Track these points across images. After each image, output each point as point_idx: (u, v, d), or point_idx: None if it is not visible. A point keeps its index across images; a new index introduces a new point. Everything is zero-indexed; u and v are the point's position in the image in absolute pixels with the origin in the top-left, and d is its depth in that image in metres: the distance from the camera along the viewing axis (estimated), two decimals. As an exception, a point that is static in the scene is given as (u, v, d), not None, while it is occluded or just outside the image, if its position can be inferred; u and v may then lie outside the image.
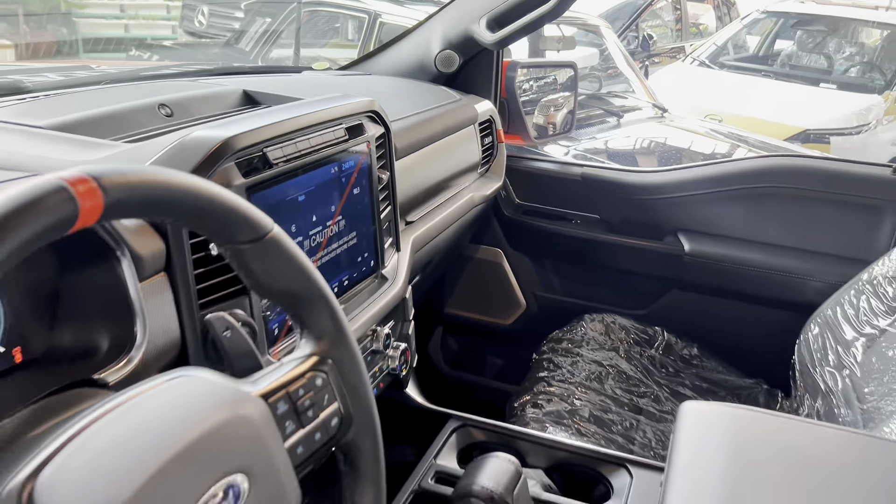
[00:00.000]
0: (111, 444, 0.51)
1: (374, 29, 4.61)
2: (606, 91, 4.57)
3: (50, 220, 0.47)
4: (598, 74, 4.88)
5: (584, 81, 4.58)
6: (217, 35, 7.08)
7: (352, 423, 0.72)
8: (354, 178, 1.15)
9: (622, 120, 4.00)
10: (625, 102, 4.37)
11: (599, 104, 4.19)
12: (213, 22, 7.38)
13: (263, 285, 0.66)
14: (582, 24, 5.05)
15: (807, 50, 7.21)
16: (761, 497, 0.91)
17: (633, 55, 7.72)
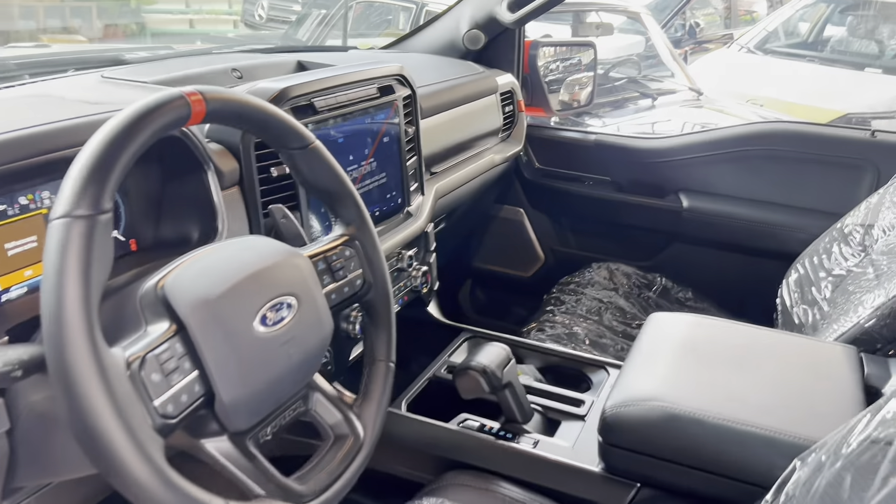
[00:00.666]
0: (211, 263, 0.79)
1: (421, 17, 4.91)
2: (643, 75, 4.75)
3: (174, 115, 0.75)
4: (637, 60, 5.05)
5: (625, 66, 4.78)
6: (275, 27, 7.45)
7: (371, 287, 1.00)
8: (384, 129, 1.42)
9: (656, 102, 4.18)
10: (661, 86, 4.55)
11: (636, 87, 4.38)
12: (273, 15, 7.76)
13: (308, 182, 0.95)
14: (623, 12, 5.23)
15: (858, 35, 7.19)
16: (688, 375, 1.16)
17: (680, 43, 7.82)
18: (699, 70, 6.28)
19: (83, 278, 0.64)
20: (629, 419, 1.09)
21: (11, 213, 0.88)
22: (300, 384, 0.87)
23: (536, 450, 1.21)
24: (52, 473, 0.87)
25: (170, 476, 0.67)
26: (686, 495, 1.10)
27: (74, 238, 0.65)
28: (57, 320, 0.63)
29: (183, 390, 0.71)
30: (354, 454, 0.90)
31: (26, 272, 0.91)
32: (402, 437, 1.27)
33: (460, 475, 1.17)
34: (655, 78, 4.68)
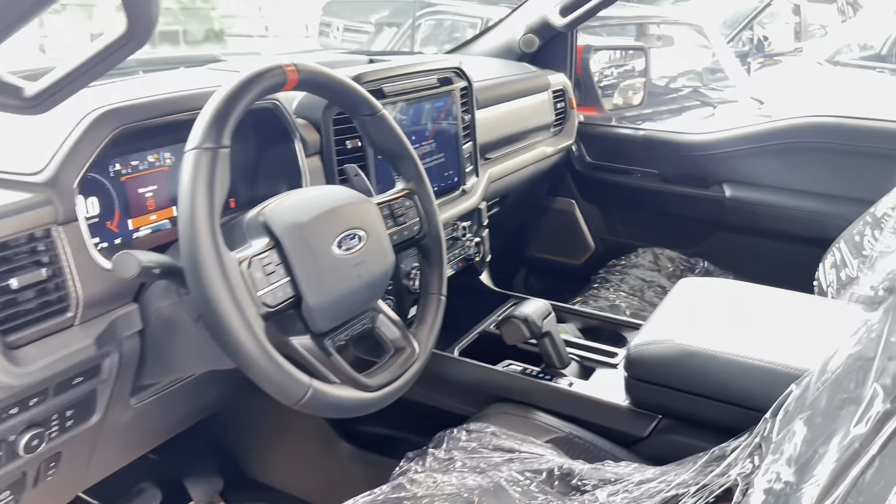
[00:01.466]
0: (301, 199, 1.01)
1: (487, 33, 5.14)
2: (705, 85, 4.84)
3: (274, 80, 0.97)
4: (700, 72, 5.14)
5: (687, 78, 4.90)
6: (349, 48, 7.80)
7: (427, 234, 1.19)
8: (443, 115, 1.63)
9: (716, 110, 4.29)
10: (722, 95, 4.64)
11: (697, 96, 4.49)
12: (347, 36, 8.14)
13: (376, 143, 1.16)
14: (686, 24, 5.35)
15: (935, 46, 7.05)
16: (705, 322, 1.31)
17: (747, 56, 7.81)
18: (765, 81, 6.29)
19: (209, 193, 0.86)
20: (651, 355, 1.25)
21: (142, 168, 1.12)
22: (368, 303, 1.07)
23: (571, 388, 1.38)
24: (172, 371, 1.10)
25: (267, 347, 0.88)
26: (700, 423, 1.25)
27: (203, 163, 0.87)
28: (190, 224, 0.85)
29: (279, 288, 0.92)
30: (412, 363, 1.09)
31: (151, 217, 1.14)
32: (453, 377, 1.46)
33: (504, 406, 1.35)
34: (718, 88, 4.77)
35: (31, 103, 0.80)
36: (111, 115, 0.97)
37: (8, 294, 0.87)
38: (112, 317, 0.99)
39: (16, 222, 0.87)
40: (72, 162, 0.93)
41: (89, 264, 0.95)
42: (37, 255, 0.90)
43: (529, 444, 1.24)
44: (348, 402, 0.97)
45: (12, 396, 0.90)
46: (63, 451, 1.04)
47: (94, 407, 1.04)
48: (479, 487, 1.15)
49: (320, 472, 1.62)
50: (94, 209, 1.05)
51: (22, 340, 0.88)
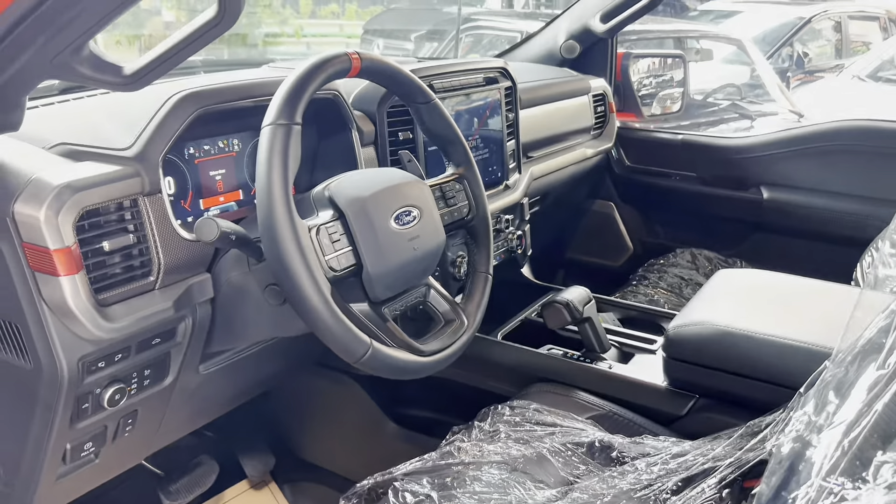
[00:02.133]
0: (363, 177, 1.09)
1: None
2: (744, 98, 4.87)
3: (340, 66, 1.06)
4: (739, 87, 5.16)
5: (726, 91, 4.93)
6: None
7: (475, 216, 1.27)
8: (488, 113, 1.71)
9: (755, 123, 4.31)
10: (761, 108, 4.66)
11: (736, 109, 4.52)
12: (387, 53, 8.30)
13: (429, 130, 1.24)
14: (725, 39, 5.38)
15: (982, 62, 6.95)
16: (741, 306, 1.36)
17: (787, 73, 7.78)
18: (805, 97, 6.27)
19: (283, 164, 0.95)
20: (688, 335, 1.30)
21: (213, 151, 1.21)
22: (422, 276, 1.15)
23: (611, 370, 1.43)
24: (238, 338, 1.18)
25: (333, 306, 0.96)
26: (737, 401, 1.29)
27: (278, 138, 0.95)
28: (267, 193, 0.94)
29: (342, 255, 1.01)
30: (461, 333, 1.16)
31: (221, 198, 1.24)
32: (497, 359, 1.53)
33: (545, 385, 1.41)
34: (756, 101, 4.79)
35: (129, 80, 0.89)
36: (193, 98, 1.07)
37: (100, 255, 0.96)
38: (188, 283, 1.08)
39: (107, 191, 0.96)
40: (157, 139, 1.03)
41: (171, 233, 1.04)
42: (124, 222, 1.00)
43: (571, 420, 1.30)
44: (404, 364, 1.04)
45: (101, 350, 0.99)
46: (139, 409, 1.13)
47: (168, 369, 1.13)
48: (524, 456, 1.21)
49: (368, 453, 1.69)
50: (171, 188, 1.15)
51: (111, 299, 0.97)
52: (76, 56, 0.85)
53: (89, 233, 0.95)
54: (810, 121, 4.44)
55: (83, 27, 0.82)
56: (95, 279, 0.95)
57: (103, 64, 0.88)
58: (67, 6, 0.78)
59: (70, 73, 0.86)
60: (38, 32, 0.80)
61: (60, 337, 0.95)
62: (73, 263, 0.91)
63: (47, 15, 0.78)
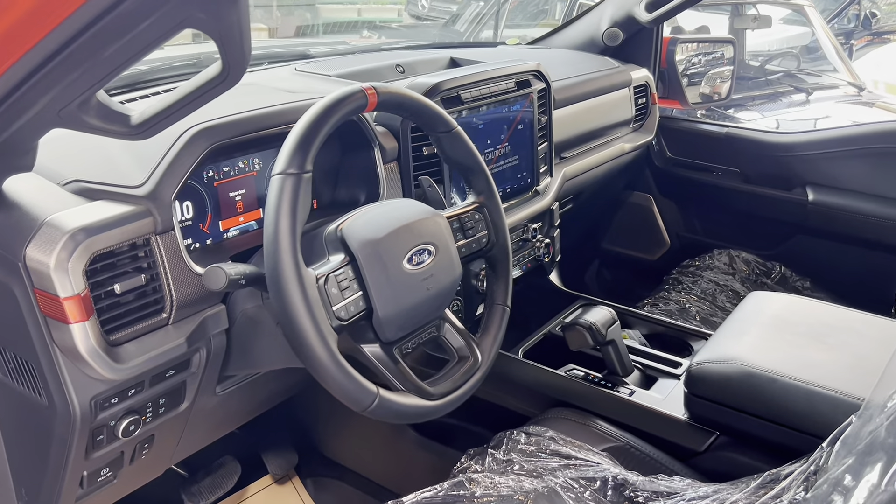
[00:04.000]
0: (376, 215, 1.07)
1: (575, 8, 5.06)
2: (802, 69, 4.64)
3: (356, 104, 1.03)
4: (797, 53, 4.93)
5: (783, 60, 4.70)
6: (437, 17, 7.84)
7: (494, 245, 1.24)
8: (519, 118, 1.65)
9: (811, 97, 4.12)
10: (819, 80, 4.44)
11: (791, 81, 4.32)
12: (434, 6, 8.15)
13: (450, 158, 1.20)
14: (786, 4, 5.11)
15: None
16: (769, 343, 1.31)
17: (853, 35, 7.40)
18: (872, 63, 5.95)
19: (291, 216, 0.93)
20: (711, 374, 1.27)
21: (233, 173, 1.20)
22: (435, 313, 1.13)
23: (631, 397, 1.41)
24: (253, 365, 1.19)
25: (339, 359, 0.95)
26: (757, 443, 1.26)
27: (287, 188, 0.94)
28: (274, 244, 0.92)
29: (352, 303, 0.99)
30: (474, 371, 1.14)
31: (240, 218, 1.23)
32: (516, 378, 1.51)
33: (563, 411, 1.39)
34: (814, 72, 4.56)
35: (136, 130, 0.88)
36: (206, 134, 1.05)
37: (112, 298, 0.97)
38: (202, 317, 1.08)
39: (119, 233, 0.96)
40: (170, 176, 1.02)
41: (183, 270, 1.04)
42: (138, 261, 1.00)
43: (586, 452, 1.29)
44: (412, 410, 1.04)
45: (113, 388, 1.00)
46: (156, 434, 1.15)
47: (184, 396, 1.14)
48: (535, 491, 1.21)
49: (388, 456, 1.71)
50: (189, 213, 1.15)
51: (122, 339, 0.98)
52: (84, 107, 0.85)
53: (101, 275, 0.96)
54: (874, 101, 4.23)
55: (89, 82, 0.81)
56: (106, 321, 0.96)
57: (111, 113, 0.87)
58: (73, 66, 0.77)
59: (78, 124, 0.86)
60: (44, 90, 0.79)
61: (73, 378, 0.96)
62: (83, 310, 0.92)
63: (53, 74, 0.77)
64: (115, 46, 0.76)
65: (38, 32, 0.75)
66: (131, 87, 1.38)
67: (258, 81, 1.51)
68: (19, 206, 0.96)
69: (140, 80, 1.41)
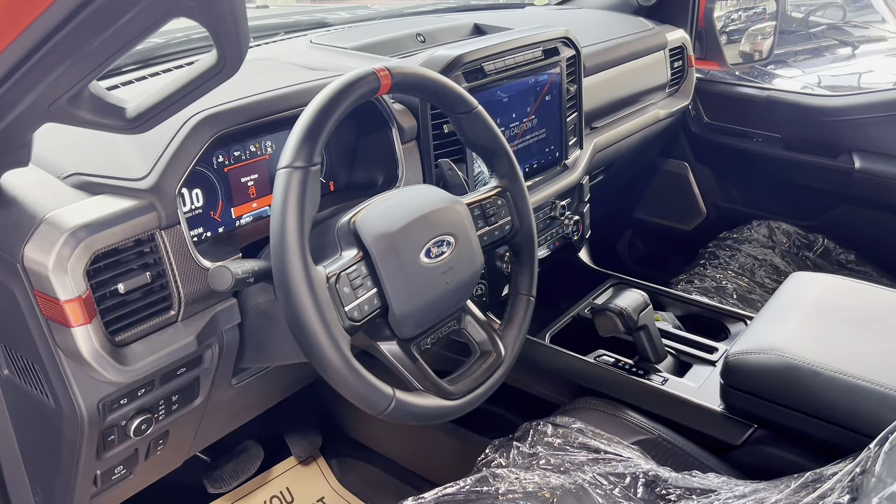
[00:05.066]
0: (390, 205, 1.01)
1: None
2: (847, 21, 4.42)
3: (367, 88, 0.96)
4: (842, 4, 4.69)
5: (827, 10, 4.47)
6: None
7: (519, 231, 1.17)
8: (546, 89, 1.57)
9: (857, 51, 3.91)
10: (866, 33, 4.22)
11: (835, 34, 4.11)
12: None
13: (470, 141, 1.13)
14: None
15: None
16: (813, 331, 1.23)
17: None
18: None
19: (299, 213, 0.87)
20: (750, 365, 1.20)
21: (244, 157, 1.15)
22: (455, 307, 1.08)
23: (664, 386, 1.34)
24: (268, 359, 1.15)
25: (352, 362, 0.90)
26: (798, 439, 1.19)
27: (294, 183, 0.88)
28: (280, 243, 0.87)
29: (365, 301, 0.94)
30: (496, 367, 1.09)
31: (253, 204, 1.18)
32: (543, 364, 1.45)
33: (592, 400, 1.34)
34: (860, 24, 4.33)
35: (132, 124, 0.83)
36: (210, 121, 1.00)
37: (116, 298, 0.92)
38: (212, 312, 1.04)
39: (122, 230, 0.91)
40: (173, 168, 0.96)
41: (190, 265, 0.99)
42: (143, 257, 0.95)
43: (616, 445, 1.23)
44: (431, 411, 0.99)
45: (122, 389, 0.97)
46: (171, 430, 1.12)
47: (198, 391, 1.11)
48: (562, 488, 1.16)
49: (412, 439, 1.68)
50: (199, 201, 1.10)
51: (129, 339, 0.94)
52: (75, 101, 0.79)
53: (103, 275, 0.91)
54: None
55: (77, 76, 0.75)
56: (111, 322, 0.92)
57: (105, 107, 0.82)
58: (59, 59, 0.71)
59: (69, 118, 0.80)
60: (30, 86, 0.74)
61: (78, 381, 0.93)
62: (85, 312, 0.88)
63: (38, 68, 0.72)
64: (102, 37, 0.71)
65: (19, 24, 0.69)
66: (124, 70, 1.32)
67: (272, 56, 1.44)
68: (17, 203, 0.92)
69: (135, 62, 1.35)
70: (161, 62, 1.37)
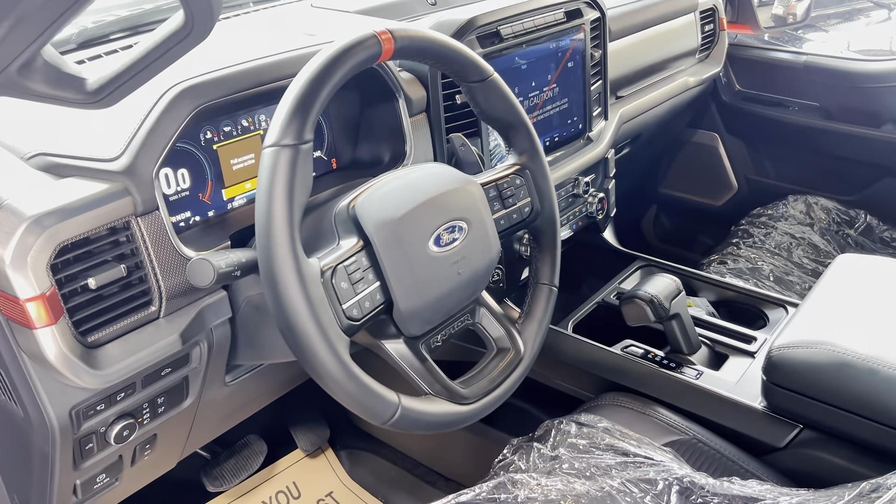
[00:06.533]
0: (395, 188, 0.89)
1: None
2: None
3: (367, 54, 0.84)
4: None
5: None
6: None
7: (539, 214, 1.05)
8: (569, 55, 1.43)
9: (892, 14, 3.71)
10: (903, -7, 4.01)
11: (870, -5, 3.90)
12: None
13: (486, 113, 1.01)
14: None
15: None
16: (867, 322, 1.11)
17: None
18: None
19: (288, 199, 0.76)
20: (796, 361, 1.08)
21: (235, 133, 1.03)
22: (468, 300, 0.96)
23: (699, 381, 1.23)
24: (262, 356, 1.05)
25: (351, 368, 0.79)
26: (850, 441, 1.08)
27: (281, 164, 0.76)
28: (266, 234, 0.76)
29: (366, 297, 0.83)
30: (514, 366, 0.98)
31: (247, 185, 1.07)
32: (566, 356, 1.34)
33: (620, 396, 1.23)
34: (897, -16, 4.12)
35: (93, 97, 0.72)
36: (190, 93, 0.88)
37: (88, 293, 0.82)
38: (199, 307, 0.93)
39: (90, 218, 0.81)
40: (149, 147, 0.85)
41: (172, 255, 0.89)
42: (118, 248, 0.85)
43: (646, 447, 1.12)
44: (441, 419, 0.88)
45: (97, 395, 0.87)
46: (159, 433, 1.02)
47: (187, 392, 1.01)
48: (587, 495, 1.05)
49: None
50: (185, 182, 0.99)
51: (103, 339, 0.84)
52: (26, 71, 0.68)
53: (72, 268, 0.81)
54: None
55: (23, 41, 0.64)
56: (81, 321, 0.82)
57: (62, 77, 0.71)
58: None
59: (20, 91, 0.69)
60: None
61: (46, 388, 0.83)
62: (49, 312, 0.78)
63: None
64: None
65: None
66: (87, 44, 1.19)
67: (267, 21, 1.32)
68: None
69: (99, 36, 1.22)
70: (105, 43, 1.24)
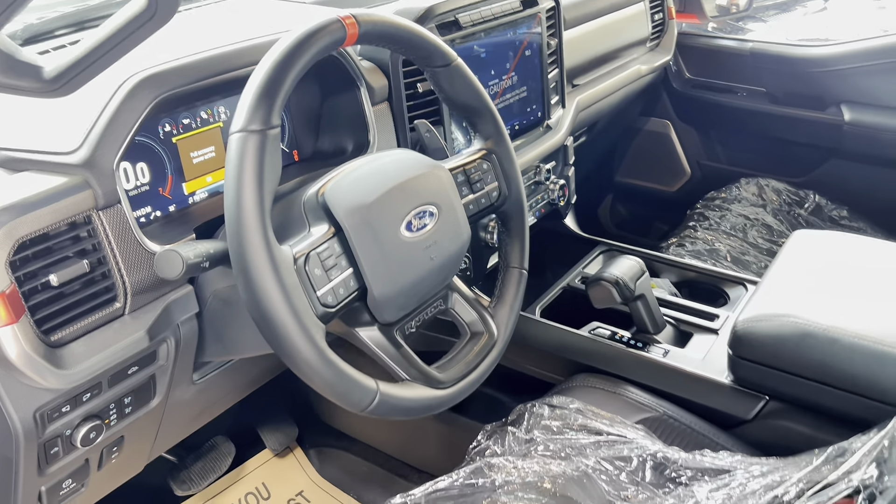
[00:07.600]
0: (364, 174, 0.88)
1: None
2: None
3: (331, 38, 0.83)
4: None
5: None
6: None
7: (507, 199, 1.06)
8: (526, 43, 1.44)
9: (827, 3, 3.83)
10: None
11: (806, -14, 4.02)
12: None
13: (449, 98, 1.01)
14: None
15: None
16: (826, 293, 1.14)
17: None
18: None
19: (257, 185, 0.75)
20: (761, 333, 1.10)
21: (194, 126, 1.01)
22: (441, 285, 0.96)
23: (666, 359, 1.25)
24: (231, 351, 1.03)
25: (328, 355, 0.78)
26: (814, 410, 1.11)
27: (249, 150, 0.75)
28: (237, 221, 0.74)
29: (340, 284, 0.82)
30: (489, 350, 0.98)
31: (207, 178, 1.04)
32: (535, 340, 1.35)
33: (590, 377, 1.24)
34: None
35: (52, 86, 0.70)
36: (149, 83, 0.86)
37: (49, 290, 0.79)
38: (165, 302, 0.91)
39: (50, 213, 0.78)
40: (109, 139, 0.83)
41: (136, 249, 0.86)
42: (79, 243, 0.82)
43: (619, 426, 1.14)
44: (419, 404, 0.88)
45: (62, 395, 0.84)
46: (126, 435, 1.00)
47: (154, 391, 0.98)
48: (564, 476, 1.06)
49: (396, 424, 1.57)
50: (144, 177, 0.96)
51: (66, 338, 0.81)
52: (-24, 59, 0.66)
53: (32, 265, 0.78)
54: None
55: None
56: (43, 319, 0.79)
57: (17, 65, 0.68)
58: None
59: None
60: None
61: (8, 389, 0.80)
62: (9, 311, 0.75)
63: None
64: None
65: None
66: (33, 40, 1.15)
67: (226, 13, 1.29)
68: None
69: (54, 28, 1.18)
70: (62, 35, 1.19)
